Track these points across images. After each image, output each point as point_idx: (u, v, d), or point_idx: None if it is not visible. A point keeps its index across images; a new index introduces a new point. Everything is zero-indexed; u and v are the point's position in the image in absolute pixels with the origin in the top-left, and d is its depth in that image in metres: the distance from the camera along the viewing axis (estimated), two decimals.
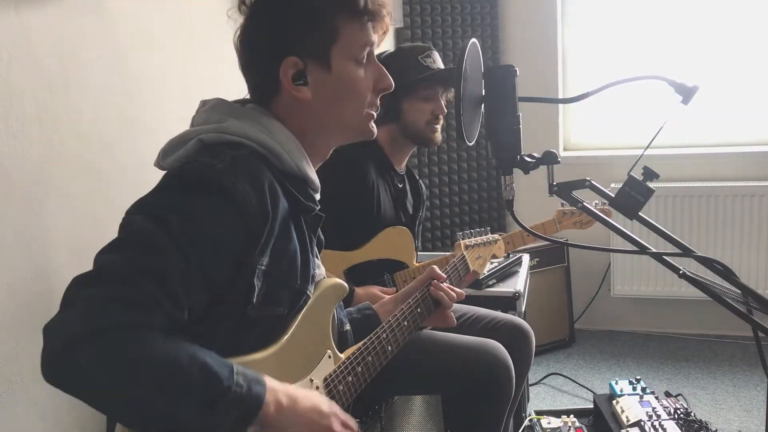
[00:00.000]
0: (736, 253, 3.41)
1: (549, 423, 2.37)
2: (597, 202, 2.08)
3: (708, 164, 3.54)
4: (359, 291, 1.91)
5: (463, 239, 1.78)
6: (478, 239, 1.83)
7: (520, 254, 2.81)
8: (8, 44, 1.31)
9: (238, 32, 1.18)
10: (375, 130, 1.24)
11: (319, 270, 1.26)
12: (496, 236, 1.92)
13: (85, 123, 1.51)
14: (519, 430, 2.43)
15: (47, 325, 0.91)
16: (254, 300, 1.07)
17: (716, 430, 2.26)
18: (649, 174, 1.17)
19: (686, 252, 1.16)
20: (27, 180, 1.36)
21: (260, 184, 1.06)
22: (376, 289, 1.95)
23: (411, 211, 2.21)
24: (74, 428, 1.48)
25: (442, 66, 2.09)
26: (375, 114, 1.23)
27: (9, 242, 1.32)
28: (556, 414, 2.48)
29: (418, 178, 2.27)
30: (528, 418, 2.49)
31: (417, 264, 2.10)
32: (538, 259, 3.37)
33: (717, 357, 3.36)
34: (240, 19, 1.18)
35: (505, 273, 2.66)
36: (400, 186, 2.15)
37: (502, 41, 3.70)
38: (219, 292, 1.04)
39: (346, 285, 1.28)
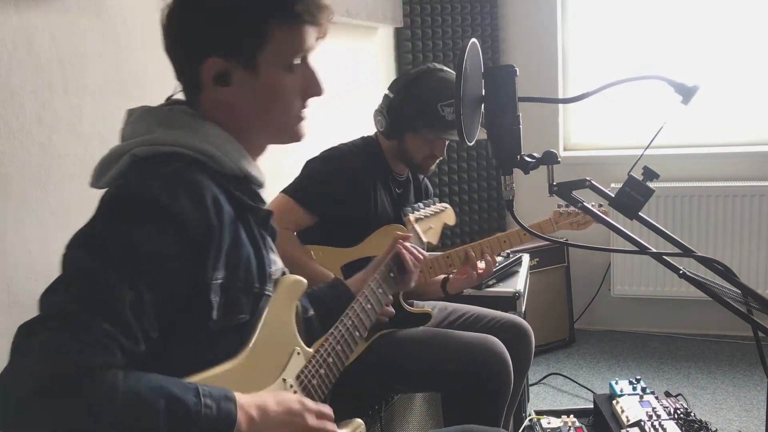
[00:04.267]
0: (736, 253, 3.41)
1: (549, 423, 2.37)
2: (594, 203, 2.07)
3: (708, 164, 3.54)
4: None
5: (411, 213, 1.77)
6: (427, 211, 1.81)
7: (520, 254, 2.81)
8: (8, 44, 1.31)
9: (163, 21, 1.12)
10: (304, 132, 1.18)
11: (276, 265, 1.23)
12: (444, 205, 1.91)
13: (85, 123, 1.51)
14: (519, 430, 2.43)
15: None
16: (214, 315, 1.03)
17: (716, 430, 2.26)
18: (649, 174, 1.17)
19: (686, 252, 1.16)
20: (27, 180, 1.36)
21: (201, 198, 1.00)
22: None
23: None
24: None
25: None
26: (304, 117, 1.17)
27: (9, 242, 1.32)
28: (556, 414, 2.47)
29: (423, 177, 2.27)
30: (528, 418, 2.49)
31: None
32: (538, 259, 3.37)
33: (717, 357, 3.36)
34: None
35: (505, 273, 2.66)
36: (399, 191, 2.15)
37: (502, 41, 3.70)
38: (176, 315, 1.00)
39: (304, 280, 1.25)
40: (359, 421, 1.36)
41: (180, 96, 1.17)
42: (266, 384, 1.15)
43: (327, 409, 1.14)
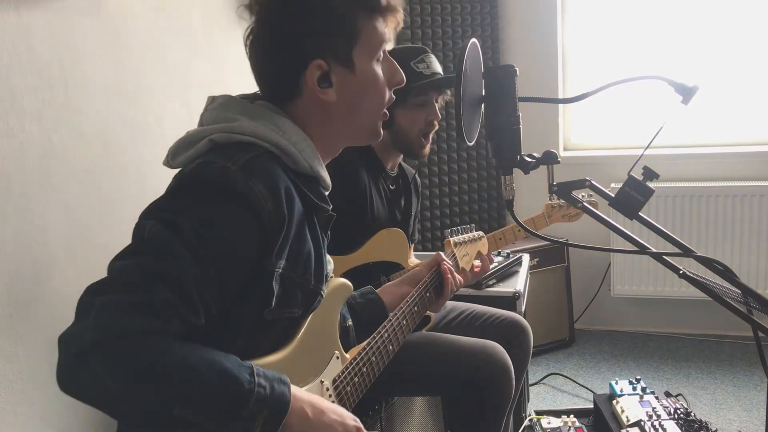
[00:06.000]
0: (736, 253, 3.41)
1: (549, 423, 2.37)
2: (584, 194, 2.06)
3: (708, 164, 3.54)
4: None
5: (451, 236, 1.77)
6: (466, 236, 1.82)
7: (520, 254, 2.81)
8: (8, 44, 1.31)
9: (250, 33, 1.15)
10: (381, 131, 1.24)
11: (330, 266, 1.27)
12: (480, 233, 1.91)
13: (85, 123, 1.51)
14: (519, 430, 2.43)
15: (62, 335, 0.90)
16: (273, 304, 1.06)
17: (716, 430, 2.26)
18: (649, 174, 1.17)
19: (686, 252, 1.16)
20: (27, 180, 1.36)
21: (276, 188, 1.04)
22: None
23: (404, 210, 2.20)
24: (74, 428, 1.48)
25: (437, 68, 2.04)
26: (387, 114, 1.23)
27: (9, 242, 1.32)
28: (556, 414, 2.48)
29: (414, 171, 2.26)
30: (528, 418, 2.49)
31: (412, 263, 2.09)
32: (538, 259, 3.37)
33: (717, 357, 3.36)
34: (249, 19, 1.15)
35: (505, 273, 2.66)
36: (392, 187, 2.14)
37: (502, 41, 3.70)
38: (236, 296, 1.02)
39: (350, 284, 1.29)
40: None
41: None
42: (305, 382, 1.16)
43: None
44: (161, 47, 1.78)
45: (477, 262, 2.07)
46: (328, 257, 1.27)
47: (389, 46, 1.23)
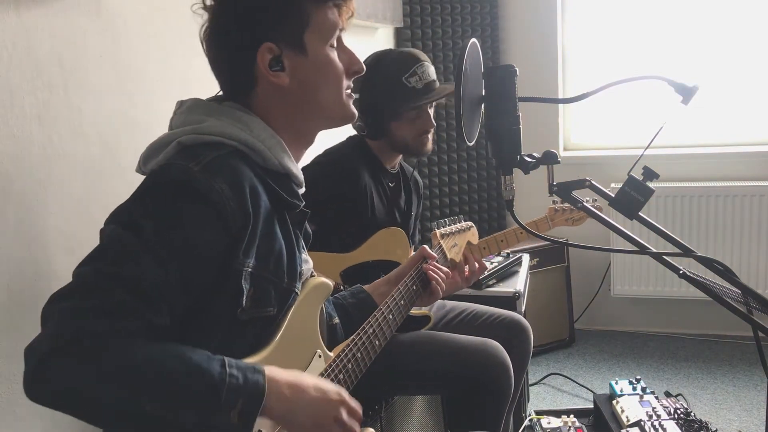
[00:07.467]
0: (736, 253, 3.42)
1: (549, 423, 2.37)
2: (588, 199, 2.07)
3: (708, 164, 3.54)
4: None
5: (438, 228, 1.77)
6: (453, 227, 1.81)
7: (520, 254, 2.81)
8: (8, 44, 1.31)
9: (205, 28, 1.16)
10: (356, 111, 1.24)
11: (307, 265, 1.25)
12: (469, 223, 1.91)
13: (85, 123, 1.51)
14: (519, 430, 2.43)
15: (26, 346, 0.90)
16: (244, 303, 1.06)
17: (716, 430, 2.26)
18: (649, 174, 1.16)
19: (686, 252, 1.16)
20: (27, 180, 1.36)
21: (239, 185, 1.04)
22: None
23: (404, 209, 2.20)
24: (73, 428, 1.48)
25: (430, 76, 2.02)
26: (352, 96, 1.23)
27: (9, 242, 1.32)
28: (556, 414, 2.47)
29: (413, 170, 2.26)
30: (528, 418, 2.49)
31: None
32: (538, 259, 3.37)
33: (717, 357, 3.36)
34: (205, 15, 1.16)
35: (505, 273, 2.66)
36: (392, 185, 2.14)
37: (502, 41, 3.70)
38: (205, 297, 1.02)
39: (330, 283, 1.28)
40: (371, 430, 1.37)
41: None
42: None
43: (359, 409, 1.14)
44: (161, 47, 1.78)
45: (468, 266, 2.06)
46: (306, 256, 1.26)
47: (354, 37, 1.24)
